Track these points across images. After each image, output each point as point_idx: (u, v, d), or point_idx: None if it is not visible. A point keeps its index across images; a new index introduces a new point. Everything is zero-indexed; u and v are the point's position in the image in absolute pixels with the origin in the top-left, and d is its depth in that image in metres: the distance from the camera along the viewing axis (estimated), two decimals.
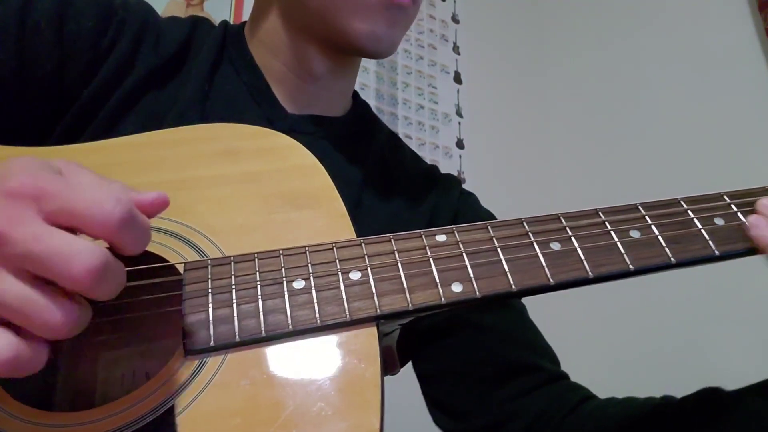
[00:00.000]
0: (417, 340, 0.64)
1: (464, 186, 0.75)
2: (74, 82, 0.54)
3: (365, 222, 0.44)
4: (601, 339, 1.65)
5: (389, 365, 0.50)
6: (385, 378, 0.38)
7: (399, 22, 0.60)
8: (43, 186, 0.30)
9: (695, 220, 0.43)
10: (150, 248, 0.41)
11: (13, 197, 0.30)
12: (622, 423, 0.54)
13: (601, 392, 0.61)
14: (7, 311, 0.30)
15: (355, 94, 0.73)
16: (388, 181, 0.67)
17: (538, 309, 0.69)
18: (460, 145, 1.82)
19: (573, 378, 0.64)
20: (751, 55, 1.55)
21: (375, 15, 0.57)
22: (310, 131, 0.62)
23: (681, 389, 0.54)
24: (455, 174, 1.73)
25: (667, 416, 0.51)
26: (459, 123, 1.85)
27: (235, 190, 0.46)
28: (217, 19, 0.69)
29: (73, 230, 0.31)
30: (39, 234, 0.29)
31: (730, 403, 0.48)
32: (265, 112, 0.61)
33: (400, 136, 1.67)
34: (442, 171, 0.76)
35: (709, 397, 0.50)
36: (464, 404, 0.62)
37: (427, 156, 1.70)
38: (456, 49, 1.94)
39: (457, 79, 1.90)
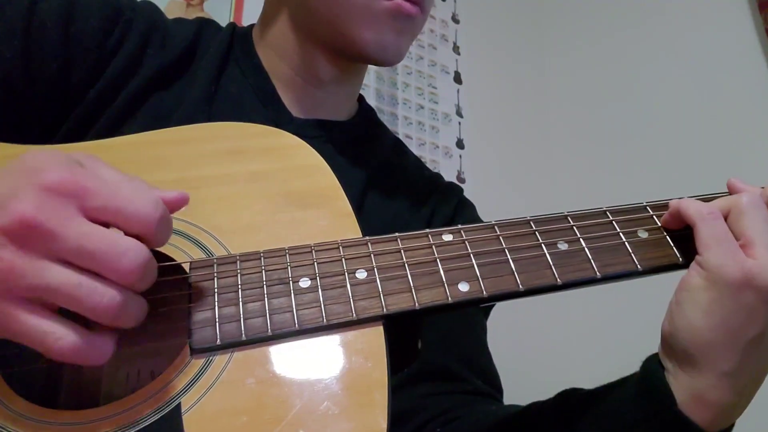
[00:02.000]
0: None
1: (464, 186, 0.75)
2: (80, 81, 0.54)
3: (366, 225, 0.44)
4: (605, 339, 1.65)
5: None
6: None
7: (406, 31, 0.60)
8: (84, 183, 0.32)
9: None
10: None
11: (54, 192, 0.31)
12: (491, 425, 0.54)
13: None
14: (59, 296, 0.31)
15: (361, 99, 0.73)
16: (390, 186, 0.67)
17: (541, 308, 0.69)
18: (460, 145, 1.82)
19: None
20: (751, 55, 1.55)
21: (382, 24, 0.57)
22: (315, 135, 0.62)
23: None
24: (455, 174, 1.74)
25: (528, 419, 0.52)
26: (459, 123, 1.85)
27: (241, 189, 0.46)
28: (216, 19, 0.69)
29: (106, 224, 0.33)
30: (86, 232, 0.31)
31: (587, 402, 0.48)
32: (272, 114, 0.61)
33: (400, 136, 1.68)
34: (442, 171, 0.76)
35: (567, 397, 0.50)
36: None
37: (427, 156, 1.70)
38: (456, 49, 1.94)
39: (457, 79, 1.90)
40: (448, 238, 0.42)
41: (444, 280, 0.40)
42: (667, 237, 0.42)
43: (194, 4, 1.38)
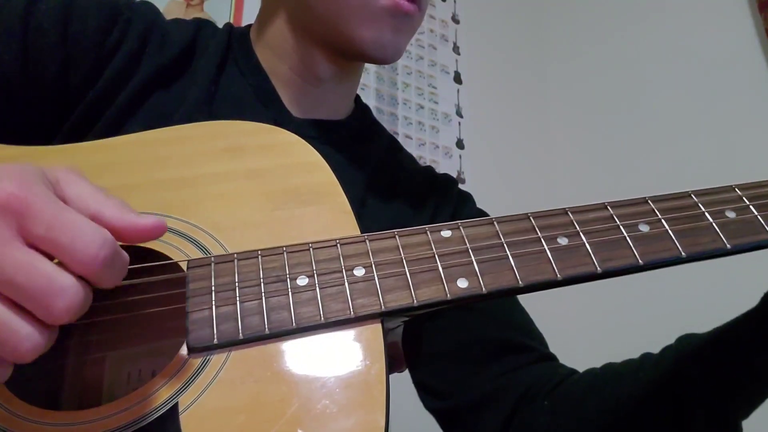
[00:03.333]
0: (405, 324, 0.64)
1: (464, 186, 0.75)
2: (80, 82, 0.53)
3: (369, 223, 0.44)
4: (605, 335, 1.64)
5: (395, 362, 0.50)
6: (394, 376, 0.38)
7: (404, 30, 0.60)
8: (32, 205, 0.29)
9: (706, 213, 0.42)
10: (154, 246, 0.41)
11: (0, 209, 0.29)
12: (609, 377, 0.55)
13: None
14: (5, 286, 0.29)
15: (357, 98, 0.73)
16: (390, 183, 0.67)
17: (542, 304, 0.69)
18: (460, 145, 1.82)
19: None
20: (751, 55, 1.55)
21: (380, 22, 0.57)
22: (315, 135, 0.62)
23: None
24: (455, 174, 1.73)
25: (645, 367, 0.53)
26: (459, 123, 1.84)
27: (239, 187, 0.45)
28: (216, 20, 0.69)
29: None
30: (22, 262, 0.28)
31: (729, 343, 0.48)
32: (272, 113, 0.61)
33: (400, 136, 1.68)
34: (442, 171, 0.76)
35: (684, 343, 0.51)
36: (452, 383, 0.62)
37: (427, 156, 1.70)
38: (456, 49, 1.94)
39: (457, 79, 1.90)
40: (446, 234, 0.42)
41: (443, 276, 0.39)
42: (669, 231, 0.41)
43: (194, 5, 1.39)
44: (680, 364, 0.50)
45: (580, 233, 0.41)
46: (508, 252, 0.40)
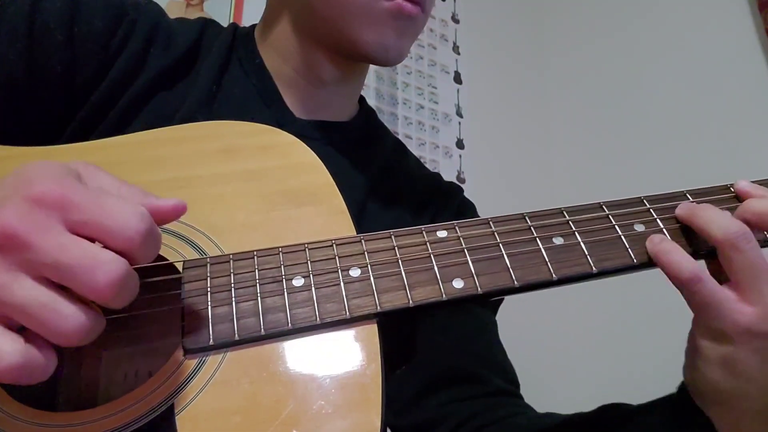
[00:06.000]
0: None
1: (464, 186, 0.75)
2: (85, 82, 0.53)
3: (369, 226, 0.44)
4: (604, 334, 1.64)
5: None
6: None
7: (407, 32, 0.60)
8: (69, 196, 0.31)
9: None
10: None
11: (38, 204, 0.30)
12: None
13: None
14: (22, 315, 0.30)
15: (362, 100, 0.73)
16: (392, 187, 0.67)
17: (538, 305, 0.69)
18: (460, 145, 1.81)
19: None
20: (751, 55, 1.55)
21: (383, 25, 0.57)
22: (317, 137, 0.62)
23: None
24: (455, 174, 1.73)
25: (569, 429, 0.52)
26: (459, 123, 1.84)
27: (236, 188, 0.45)
28: (216, 20, 0.68)
29: (92, 239, 0.32)
30: (64, 244, 0.30)
31: (627, 418, 0.48)
32: (275, 114, 0.61)
33: (400, 136, 1.68)
34: (442, 171, 0.76)
35: (610, 412, 0.51)
36: (405, 401, 0.62)
37: (427, 156, 1.70)
38: (456, 49, 1.94)
39: (457, 79, 1.90)
40: (442, 234, 0.42)
41: (438, 277, 0.39)
42: (665, 230, 0.41)
43: (194, 4, 1.38)
44: None
45: (576, 233, 0.41)
46: (503, 252, 0.40)
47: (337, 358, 0.37)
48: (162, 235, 0.42)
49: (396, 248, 0.41)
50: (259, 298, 0.38)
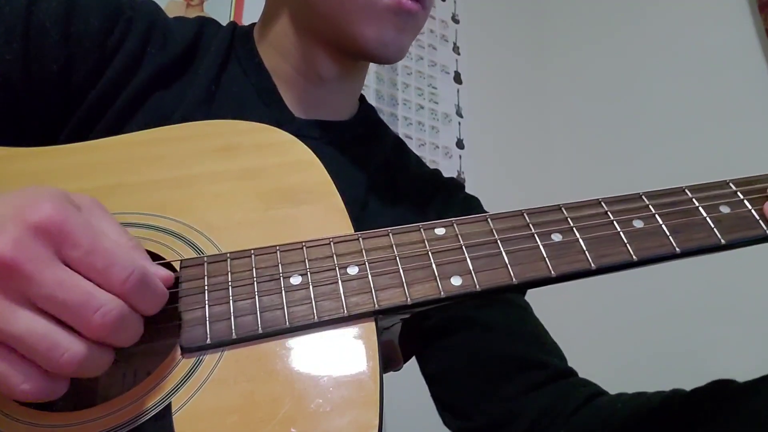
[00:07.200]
0: (422, 340, 0.63)
1: (464, 186, 0.75)
2: (81, 82, 0.53)
3: (370, 225, 0.43)
4: (604, 332, 1.64)
5: (391, 361, 0.49)
6: (387, 375, 0.37)
7: (408, 28, 0.59)
8: (69, 228, 0.31)
9: (700, 208, 0.42)
10: (147, 246, 0.40)
11: (37, 231, 0.31)
12: (629, 419, 0.52)
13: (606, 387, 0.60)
14: (21, 346, 0.30)
15: (362, 98, 0.72)
16: (393, 186, 0.66)
17: (538, 303, 0.69)
18: (460, 145, 1.81)
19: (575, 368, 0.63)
20: (751, 55, 1.55)
21: (383, 21, 0.57)
22: (317, 136, 0.62)
23: (687, 385, 0.53)
24: (455, 174, 1.73)
25: (673, 409, 0.50)
26: (459, 123, 1.84)
27: (233, 187, 0.45)
28: (216, 19, 0.68)
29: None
30: (63, 280, 0.31)
31: (739, 396, 0.46)
32: (273, 113, 0.61)
33: (400, 136, 1.67)
34: (442, 171, 0.75)
35: (719, 389, 0.49)
36: (470, 402, 0.61)
37: (427, 156, 1.70)
38: (456, 49, 1.94)
39: (457, 79, 1.90)
40: (440, 231, 0.42)
41: (436, 274, 0.39)
42: (663, 226, 0.41)
43: (194, 4, 1.38)
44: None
45: (574, 229, 0.41)
46: (501, 249, 0.40)
47: (334, 357, 0.36)
48: (159, 233, 0.42)
49: (394, 246, 0.41)
50: (256, 297, 0.38)
